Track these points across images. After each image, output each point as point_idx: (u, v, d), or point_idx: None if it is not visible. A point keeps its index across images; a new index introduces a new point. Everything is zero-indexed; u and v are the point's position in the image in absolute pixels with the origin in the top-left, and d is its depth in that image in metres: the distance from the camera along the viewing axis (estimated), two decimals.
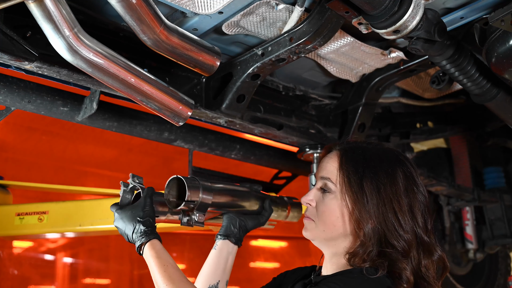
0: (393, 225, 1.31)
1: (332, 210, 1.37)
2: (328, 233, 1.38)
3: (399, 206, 1.34)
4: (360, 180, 1.36)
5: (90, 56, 1.33)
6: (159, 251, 1.48)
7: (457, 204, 3.51)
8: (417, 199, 1.37)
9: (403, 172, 1.38)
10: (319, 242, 1.42)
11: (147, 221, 1.54)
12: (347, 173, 1.38)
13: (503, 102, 1.90)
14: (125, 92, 1.45)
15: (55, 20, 1.25)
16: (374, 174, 1.36)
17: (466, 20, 1.84)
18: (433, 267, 1.34)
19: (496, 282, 3.89)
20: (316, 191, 1.43)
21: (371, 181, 1.35)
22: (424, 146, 3.60)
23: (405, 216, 1.33)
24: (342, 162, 1.40)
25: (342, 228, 1.36)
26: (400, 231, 1.31)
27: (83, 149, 5.03)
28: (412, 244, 1.32)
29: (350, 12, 1.62)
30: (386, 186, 1.35)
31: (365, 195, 1.34)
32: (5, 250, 4.72)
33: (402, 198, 1.35)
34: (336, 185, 1.39)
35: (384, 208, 1.33)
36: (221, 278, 1.63)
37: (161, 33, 1.40)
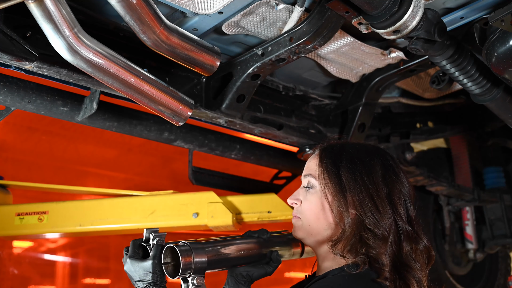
0: (370, 212, 1.34)
1: (315, 204, 1.41)
2: (313, 227, 1.41)
3: (377, 193, 1.36)
4: (337, 171, 1.40)
5: (90, 56, 1.33)
6: None
7: (457, 204, 3.51)
8: (396, 188, 1.39)
9: (381, 163, 1.41)
10: (308, 240, 1.45)
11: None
12: (325, 166, 1.42)
13: (503, 102, 1.90)
14: (125, 92, 1.45)
15: (55, 20, 1.25)
16: (351, 164, 1.40)
17: (466, 20, 1.84)
18: (418, 255, 1.35)
19: (496, 282, 3.89)
20: (301, 191, 1.47)
21: (348, 170, 1.39)
22: (424, 146, 3.60)
23: (383, 203, 1.35)
24: (321, 157, 1.45)
25: (326, 220, 1.40)
26: (378, 217, 1.34)
27: (83, 149, 5.03)
28: (391, 230, 1.33)
29: (350, 12, 1.62)
30: (363, 175, 1.38)
31: (343, 184, 1.37)
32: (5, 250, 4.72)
33: (380, 186, 1.37)
34: (316, 179, 1.43)
35: (361, 195, 1.35)
36: None
37: (161, 33, 1.40)
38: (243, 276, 1.63)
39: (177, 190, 2.77)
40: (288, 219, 2.74)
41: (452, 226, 3.62)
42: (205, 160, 3.17)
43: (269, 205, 2.73)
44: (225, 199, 2.70)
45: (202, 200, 2.69)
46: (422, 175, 3.02)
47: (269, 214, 2.69)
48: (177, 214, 2.67)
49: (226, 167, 3.46)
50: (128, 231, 2.83)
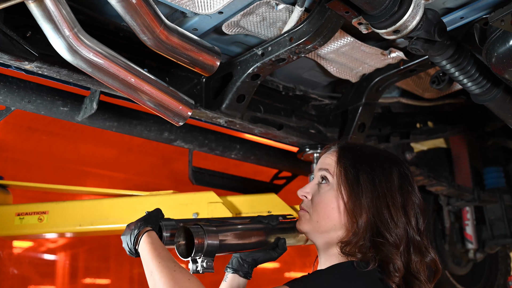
0: (385, 219, 1.34)
1: (328, 201, 1.40)
2: (322, 224, 1.40)
3: (393, 201, 1.36)
4: (357, 173, 1.39)
5: (90, 56, 1.33)
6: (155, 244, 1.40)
7: (457, 204, 3.51)
8: (410, 199, 1.39)
9: (399, 171, 1.41)
10: (313, 235, 1.44)
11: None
12: (345, 166, 1.41)
13: (503, 102, 1.90)
14: (125, 92, 1.45)
15: (55, 20, 1.25)
16: (370, 168, 1.40)
17: (466, 20, 1.84)
18: (424, 268, 1.35)
19: (496, 282, 3.89)
20: (313, 185, 1.46)
21: (367, 175, 1.39)
22: (424, 146, 3.60)
23: (398, 212, 1.36)
24: (340, 156, 1.44)
25: (336, 219, 1.38)
26: (392, 225, 1.34)
27: (83, 149, 5.03)
28: (403, 239, 1.34)
29: (350, 12, 1.62)
30: (382, 181, 1.38)
31: (360, 188, 1.37)
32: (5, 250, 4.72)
33: (396, 195, 1.37)
34: (333, 176, 1.42)
35: (378, 201, 1.35)
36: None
37: (161, 33, 1.40)
38: (249, 259, 1.65)
39: (177, 190, 2.78)
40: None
41: (452, 226, 3.62)
42: (205, 160, 3.17)
43: (269, 205, 2.73)
44: (225, 199, 2.70)
45: (202, 200, 2.69)
46: (422, 175, 3.02)
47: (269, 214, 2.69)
48: (177, 214, 2.65)
49: (226, 167, 3.46)
50: None
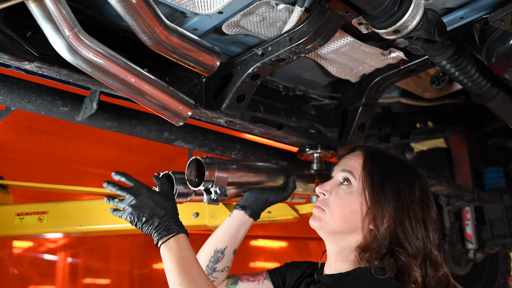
0: (407, 229, 1.35)
1: (348, 204, 1.39)
2: (337, 225, 1.39)
3: (414, 213, 1.37)
4: (382, 181, 1.39)
5: (90, 56, 1.33)
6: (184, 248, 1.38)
7: (457, 204, 3.51)
8: (430, 213, 1.41)
9: (420, 185, 1.43)
10: (325, 234, 1.43)
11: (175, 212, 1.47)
12: (371, 172, 1.41)
13: (503, 102, 1.90)
14: (125, 92, 1.45)
15: (55, 20, 1.25)
16: (395, 178, 1.41)
17: (466, 20, 1.84)
18: (435, 282, 1.37)
19: (496, 282, 3.89)
20: (333, 183, 1.45)
21: (392, 184, 1.39)
22: (424, 146, 3.60)
23: (418, 225, 1.37)
24: (366, 161, 1.45)
25: (353, 223, 1.38)
26: (413, 237, 1.34)
27: (83, 149, 5.03)
28: (422, 252, 1.35)
29: (350, 12, 1.62)
30: (406, 193, 1.39)
31: (384, 195, 1.37)
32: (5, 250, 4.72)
33: (418, 208, 1.39)
34: (357, 180, 1.42)
35: (401, 211, 1.36)
36: (229, 245, 1.65)
37: (161, 33, 1.40)
38: (259, 197, 1.67)
39: None
40: (288, 219, 2.75)
41: (452, 226, 3.62)
42: None
43: None
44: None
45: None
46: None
47: (269, 214, 2.69)
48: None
49: None
50: (128, 231, 2.83)
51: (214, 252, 1.64)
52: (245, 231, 1.69)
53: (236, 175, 1.61)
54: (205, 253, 1.65)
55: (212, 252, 1.64)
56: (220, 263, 1.63)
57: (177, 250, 1.35)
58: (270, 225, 2.97)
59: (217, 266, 1.63)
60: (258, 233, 6.00)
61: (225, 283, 1.65)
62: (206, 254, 1.65)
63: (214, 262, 1.63)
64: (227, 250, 1.65)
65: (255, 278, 1.63)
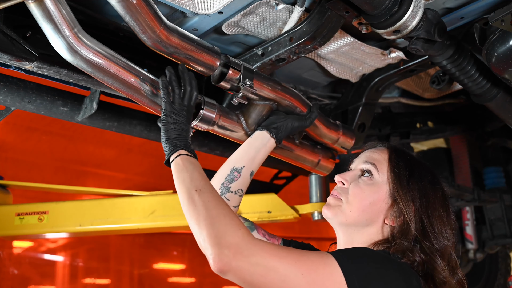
0: (433, 229, 1.32)
1: (367, 195, 1.36)
2: (353, 216, 1.36)
3: (440, 214, 1.35)
4: (408, 177, 1.37)
5: (90, 56, 1.33)
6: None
7: (457, 204, 3.50)
8: (451, 218, 1.39)
9: (442, 190, 1.42)
10: (338, 225, 1.40)
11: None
12: (397, 166, 1.39)
13: (503, 102, 1.90)
14: (125, 92, 1.45)
15: (55, 20, 1.25)
16: (421, 177, 1.38)
17: (466, 20, 1.84)
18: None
19: (496, 282, 3.89)
20: (353, 174, 1.41)
21: (418, 182, 1.37)
22: (424, 146, 3.61)
23: (443, 225, 1.34)
24: (392, 156, 1.42)
25: (370, 216, 1.35)
26: (440, 236, 1.32)
27: (83, 149, 5.03)
28: (448, 252, 1.32)
29: (350, 12, 1.62)
30: (430, 193, 1.37)
31: (410, 191, 1.35)
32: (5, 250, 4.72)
33: (441, 210, 1.37)
34: (379, 173, 1.39)
35: (426, 210, 1.34)
36: (247, 165, 1.57)
37: (161, 33, 1.40)
38: (285, 121, 1.64)
39: None
40: (288, 219, 2.75)
41: None
42: (205, 160, 3.17)
43: (269, 205, 2.73)
44: None
45: None
46: None
47: (269, 214, 2.69)
48: (177, 214, 2.67)
49: None
50: (128, 231, 2.83)
51: (230, 170, 1.56)
52: (265, 153, 1.59)
53: (263, 84, 1.57)
54: (222, 172, 1.58)
55: (228, 170, 1.56)
56: (235, 182, 1.55)
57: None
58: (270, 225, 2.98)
59: (231, 185, 1.54)
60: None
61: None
62: (223, 173, 1.57)
63: (229, 181, 1.55)
64: (244, 170, 1.55)
65: (270, 239, 1.54)
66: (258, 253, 1.11)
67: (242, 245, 1.11)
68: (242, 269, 1.09)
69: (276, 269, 1.10)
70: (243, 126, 1.68)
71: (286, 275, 1.10)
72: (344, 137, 1.97)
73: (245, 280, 1.10)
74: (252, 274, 1.09)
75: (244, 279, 1.10)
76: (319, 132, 1.88)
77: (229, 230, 1.13)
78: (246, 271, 1.09)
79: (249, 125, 1.67)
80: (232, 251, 1.09)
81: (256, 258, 1.10)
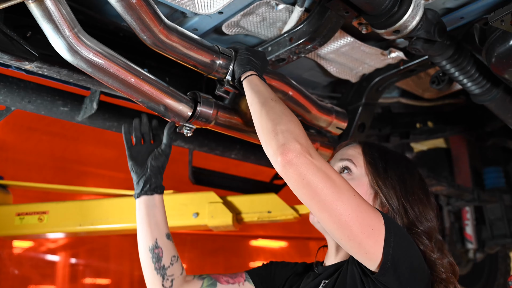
0: (417, 212, 1.35)
1: None
2: None
3: (420, 197, 1.38)
4: (385, 166, 1.40)
5: (90, 56, 1.33)
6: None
7: (457, 204, 3.50)
8: (431, 200, 1.41)
9: (419, 173, 1.45)
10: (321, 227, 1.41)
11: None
12: (373, 157, 1.42)
13: (503, 102, 1.91)
14: (125, 92, 1.46)
15: (55, 20, 1.25)
16: (397, 165, 1.42)
17: (466, 20, 1.84)
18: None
19: (496, 282, 3.89)
20: None
21: (395, 169, 1.40)
22: (424, 146, 3.60)
23: (424, 208, 1.37)
24: (365, 149, 1.45)
25: None
26: (423, 219, 1.35)
27: (83, 149, 5.03)
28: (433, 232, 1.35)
29: (350, 12, 1.62)
30: (407, 178, 1.40)
31: (389, 179, 1.38)
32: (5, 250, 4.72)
33: (421, 193, 1.39)
34: (357, 167, 1.42)
35: (407, 195, 1.36)
36: (158, 235, 1.52)
37: (161, 32, 1.40)
38: (144, 168, 1.63)
39: (177, 190, 2.77)
40: (288, 219, 2.75)
41: (452, 226, 3.62)
42: (205, 160, 3.17)
43: (269, 205, 2.73)
44: (225, 199, 2.70)
45: (202, 200, 2.69)
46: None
47: (269, 214, 2.69)
48: (177, 214, 2.67)
49: (226, 167, 3.46)
50: (128, 231, 2.83)
51: (150, 251, 1.51)
52: (160, 210, 1.56)
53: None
54: (144, 259, 1.53)
55: (149, 253, 1.51)
56: (163, 258, 1.50)
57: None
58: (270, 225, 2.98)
59: (163, 263, 1.50)
60: (258, 233, 6.00)
61: (200, 283, 1.53)
62: (146, 259, 1.52)
63: (157, 261, 1.50)
64: (159, 241, 1.52)
65: (235, 280, 1.54)
66: (322, 161, 1.18)
67: (311, 149, 1.18)
68: (308, 166, 1.14)
69: (334, 180, 1.15)
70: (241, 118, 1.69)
71: (341, 188, 1.15)
72: (337, 120, 1.97)
73: (304, 177, 1.14)
74: (314, 174, 1.14)
75: (304, 176, 1.14)
76: (312, 116, 1.89)
77: (301, 133, 1.21)
78: (310, 169, 1.14)
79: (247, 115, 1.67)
80: (304, 149, 1.16)
81: (320, 164, 1.16)
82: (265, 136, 1.23)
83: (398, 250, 1.16)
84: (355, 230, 1.13)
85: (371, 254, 1.15)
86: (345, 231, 1.14)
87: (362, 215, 1.14)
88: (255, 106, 1.32)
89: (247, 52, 1.51)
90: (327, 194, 1.13)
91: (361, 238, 1.14)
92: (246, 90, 1.40)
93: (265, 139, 1.22)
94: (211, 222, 2.63)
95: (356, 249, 1.16)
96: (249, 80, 1.43)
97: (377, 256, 1.15)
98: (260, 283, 1.55)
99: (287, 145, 1.16)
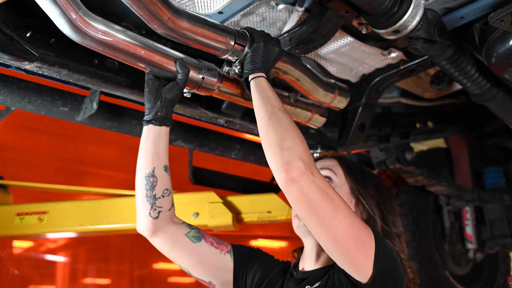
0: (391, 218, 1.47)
1: None
2: None
3: (391, 205, 1.50)
4: (362, 176, 1.52)
5: (98, 36, 1.35)
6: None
7: (457, 204, 3.51)
8: (397, 207, 1.53)
9: (385, 187, 1.57)
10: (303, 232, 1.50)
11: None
12: (349, 167, 1.53)
13: (503, 102, 1.91)
14: (137, 64, 1.47)
15: (60, 5, 1.26)
16: (370, 177, 1.54)
17: (466, 20, 1.84)
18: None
19: (496, 282, 3.89)
20: None
21: (370, 179, 1.52)
22: (424, 146, 3.60)
23: (395, 215, 1.50)
24: (340, 160, 1.56)
25: None
26: (396, 223, 1.48)
27: (83, 149, 5.03)
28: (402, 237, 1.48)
29: (350, 12, 1.62)
30: (381, 187, 1.53)
31: (367, 188, 1.49)
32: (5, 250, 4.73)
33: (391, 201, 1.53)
34: (337, 176, 1.51)
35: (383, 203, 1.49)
36: (156, 165, 1.52)
37: (170, 20, 1.39)
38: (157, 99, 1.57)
39: (177, 190, 2.77)
40: (288, 219, 2.75)
41: (452, 226, 3.62)
42: (205, 160, 3.17)
43: (269, 205, 2.73)
44: (225, 199, 2.70)
45: (202, 200, 2.69)
46: (422, 175, 3.02)
47: (269, 214, 2.69)
48: (177, 214, 2.66)
49: (226, 167, 3.46)
50: (128, 231, 2.83)
51: (145, 178, 1.52)
52: (164, 142, 1.53)
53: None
54: (139, 184, 1.54)
55: (144, 180, 1.52)
56: (157, 187, 1.51)
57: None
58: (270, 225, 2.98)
59: (155, 192, 1.51)
60: (258, 233, 6.00)
61: (187, 231, 1.56)
62: (140, 185, 1.53)
63: (150, 189, 1.51)
64: (156, 171, 1.51)
65: (219, 246, 1.55)
66: (322, 179, 1.25)
67: (313, 167, 1.24)
68: (309, 185, 1.21)
69: (332, 199, 1.23)
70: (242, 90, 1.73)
71: (339, 206, 1.23)
72: (341, 95, 1.97)
73: (306, 195, 1.21)
74: (315, 192, 1.21)
75: (305, 194, 1.21)
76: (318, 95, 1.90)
77: (305, 151, 1.26)
78: (312, 188, 1.21)
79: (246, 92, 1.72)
80: (307, 167, 1.22)
81: (321, 182, 1.23)
82: (270, 149, 1.28)
83: (386, 263, 1.26)
84: (349, 245, 1.22)
85: (362, 267, 1.24)
86: (339, 246, 1.23)
87: (356, 232, 1.23)
88: (263, 114, 1.36)
89: (260, 45, 1.51)
90: (325, 212, 1.21)
91: (354, 253, 1.23)
92: (253, 92, 1.43)
93: (271, 153, 1.28)
94: (211, 222, 2.64)
95: (349, 263, 1.25)
96: (257, 82, 1.44)
97: (368, 269, 1.24)
98: (240, 262, 1.57)
99: (291, 163, 1.22)
